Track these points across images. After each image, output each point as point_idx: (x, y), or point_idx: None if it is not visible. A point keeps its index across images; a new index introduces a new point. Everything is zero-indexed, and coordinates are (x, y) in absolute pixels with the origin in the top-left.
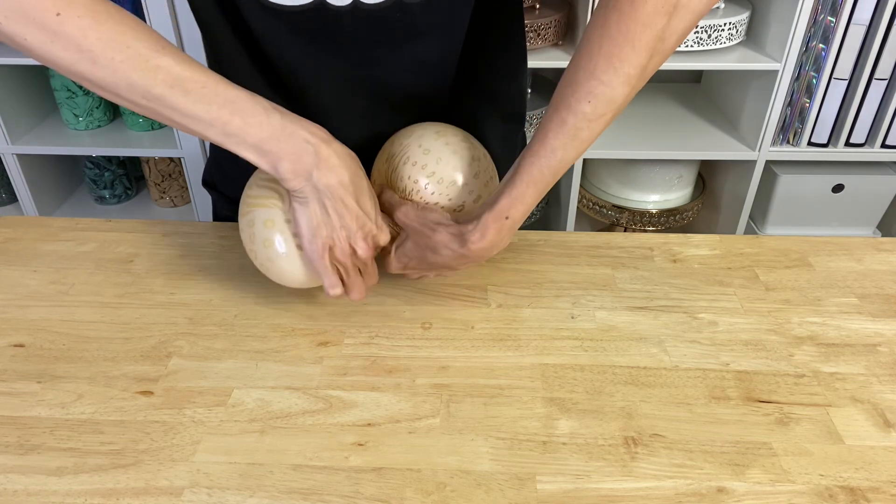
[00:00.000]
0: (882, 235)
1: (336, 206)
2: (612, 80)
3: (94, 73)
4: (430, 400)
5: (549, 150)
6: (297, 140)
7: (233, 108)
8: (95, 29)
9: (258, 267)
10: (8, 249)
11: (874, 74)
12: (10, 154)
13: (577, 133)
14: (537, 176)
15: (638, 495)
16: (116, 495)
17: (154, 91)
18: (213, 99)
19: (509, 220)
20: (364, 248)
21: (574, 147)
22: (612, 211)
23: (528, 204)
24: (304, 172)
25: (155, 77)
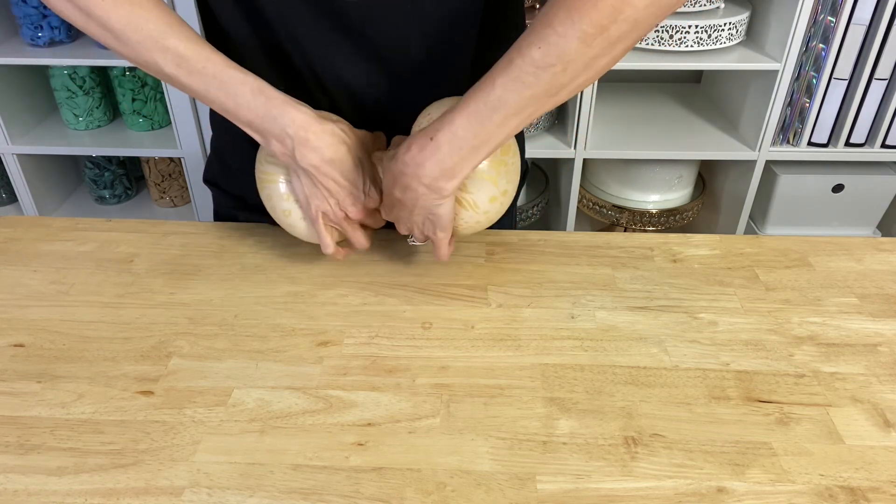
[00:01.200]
0: (882, 235)
1: (322, 181)
2: (567, 31)
3: (121, 50)
4: (430, 400)
5: (489, 84)
6: (278, 125)
7: (227, 91)
8: (115, 11)
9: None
10: (8, 249)
11: (874, 74)
12: (10, 154)
13: (520, 76)
14: (472, 108)
15: (638, 495)
16: (116, 495)
17: (166, 70)
18: (211, 81)
19: (433, 142)
20: (355, 211)
21: (515, 90)
22: (612, 211)
23: (455, 133)
24: (289, 151)
25: (165, 57)
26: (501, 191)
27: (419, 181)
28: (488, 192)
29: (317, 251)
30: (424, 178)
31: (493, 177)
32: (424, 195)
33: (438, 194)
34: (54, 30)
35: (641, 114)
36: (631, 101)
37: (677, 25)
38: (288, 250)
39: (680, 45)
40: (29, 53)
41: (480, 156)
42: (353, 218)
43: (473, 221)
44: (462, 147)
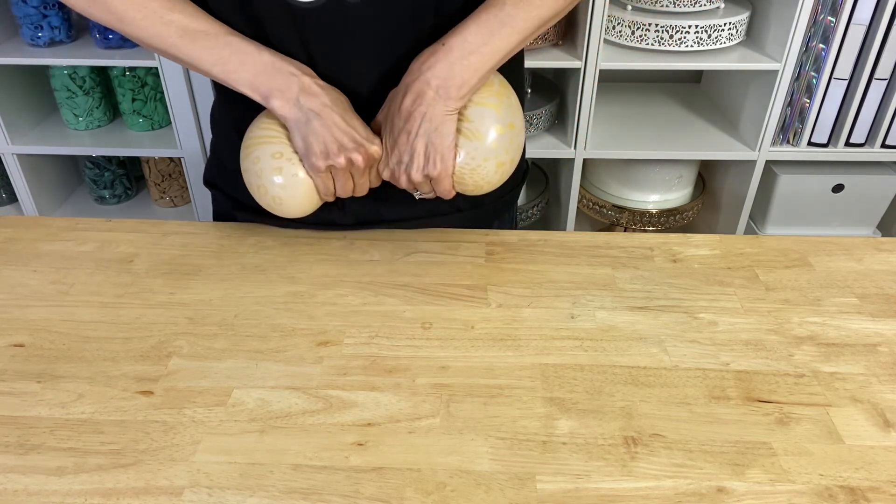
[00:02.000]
0: (882, 235)
1: (325, 123)
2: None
3: (126, 29)
4: (430, 400)
5: (500, 3)
6: (283, 73)
7: (231, 49)
8: None
9: (266, 203)
10: (8, 249)
11: (874, 74)
12: (10, 154)
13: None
14: (483, 19)
15: (638, 495)
16: (116, 495)
17: (169, 40)
18: (215, 43)
19: (444, 46)
20: (359, 158)
21: (524, 9)
22: (612, 211)
23: (466, 39)
24: (293, 99)
25: (168, 29)
26: (507, 123)
27: (428, 84)
28: (492, 119)
29: (316, 252)
30: (433, 80)
31: (496, 105)
32: (432, 100)
33: (445, 101)
34: (54, 30)
35: (641, 114)
36: (631, 101)
37: (677, 25)
38: (288, 250)
39: (680, 45)
40: (29, 53)
41: (487, 66)
42: (357, 164)
43: (481, 157)
44: (472, 52)
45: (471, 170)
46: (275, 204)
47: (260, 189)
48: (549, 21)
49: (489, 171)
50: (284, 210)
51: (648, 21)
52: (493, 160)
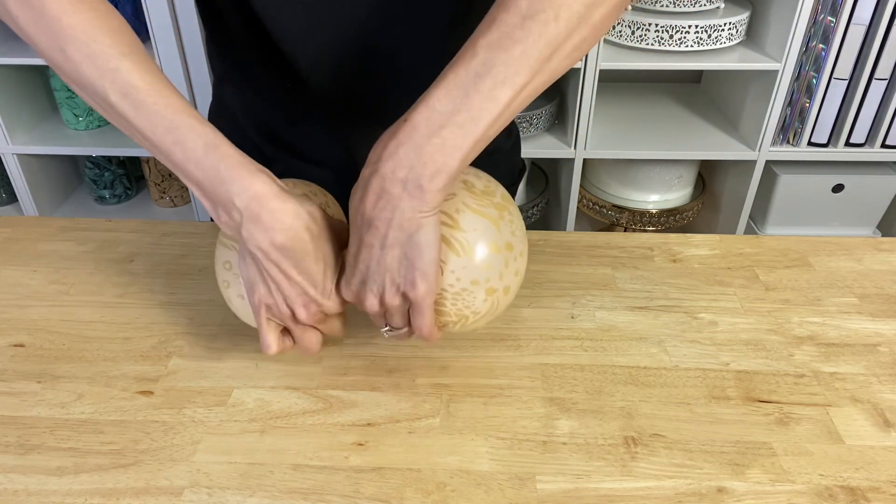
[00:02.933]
0: (882, 235)
1: (270, 272)
2: None
3: (63, 63)
4: (430, 400)
5: (470, 50)
6: (226, 191)
7: (175, 137)
8: (72, 15)
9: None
10: (8, 249)
11: (874, 74)
12: (10, 154)
13: (507, 31)
14: (451, 77)
15: (638, 495)
16: (116, 495)
17: (109, 98)
18: (160, 121)
19: (407, 123)
20: (304, 314)
21: (502, 48)
22: (612, 211)
23: (433, 108)
24: (236, 224)
25: (113, 82)
26: (504, 242)
27: (394, 177)
28: (487, 233)
29: None
30: (399, 171)
31: (494, 217)
32: (399, 200)
33: (420, 199)
34: None
35: (641, 114)
36: (631, 101)
37: (677, 25)
38: None
39: (680, 45)
40: (29, 53)
41: (469, 141)
42: (302, 321)
43: (468, 279)
44: (443, 125)
45: (454, 293)
46: (231, 307)
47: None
48: (542, 68)
49: (477, 300)
50: (242, 319)
51: (648, 21)
52: (482, 285)
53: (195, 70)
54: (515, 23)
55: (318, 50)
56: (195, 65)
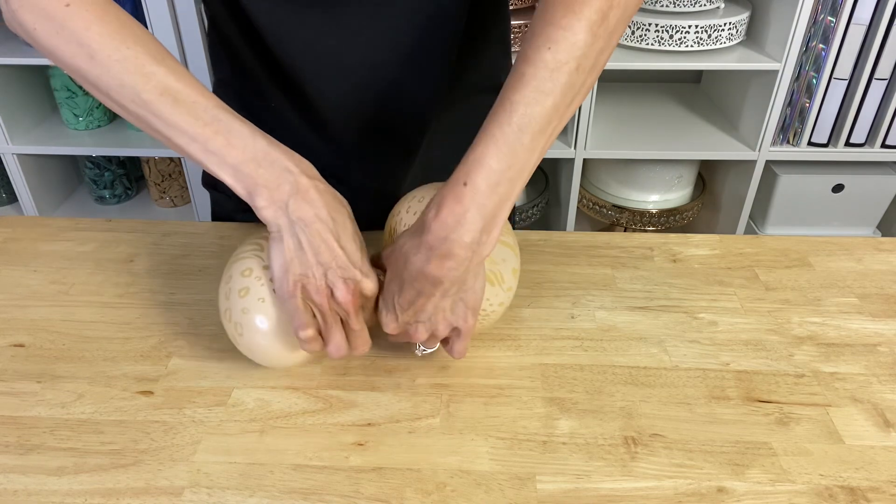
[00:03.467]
0: (882, 235)
1: (312, 241)
2: (572, 24)
3: (91, 69)
4: (430, 400)
5: (507, 105)
6: (277, 167)
7: (218, 126)
8: (99, 25)
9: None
10: (8, 249)
11: (874, 74)
12: (10, 154)
13: (538, 85)
14: (497, 135)
15: (638, 495)
16: (116, 495)
17: (143, 95)
18: (201, 114)
19: (468, 187)
20: (343, 290)
21: (536, 101)
22: (612, 211)
23: (489, 167)
24: (280, 201)
25: (147, 82)
26: (519, 262)
27: (461, 242)
28: (512, 259)
29: None
30: (467, 235)
31: (512, 244)
32: (465, 260)
33: (482, 254)
34: None
35: (641, 114)
36: (631, 101)
37: (677, 25)
38: None
39: (680, 45)
40: (29, 53)
41: (516, 191)
42: (339, 299)
43: (498, 302)
44: (500, 182)
45: (484, 315)
46: (237, 336)
47: (224, 316)
48: (566, 112)
49: (497, 316)
50: (253, 352)
51: (648, 21)
52: (506, 304)
53: (195, 70)
54: (544, 76)
55: (340, 91)
56: (195, 64)
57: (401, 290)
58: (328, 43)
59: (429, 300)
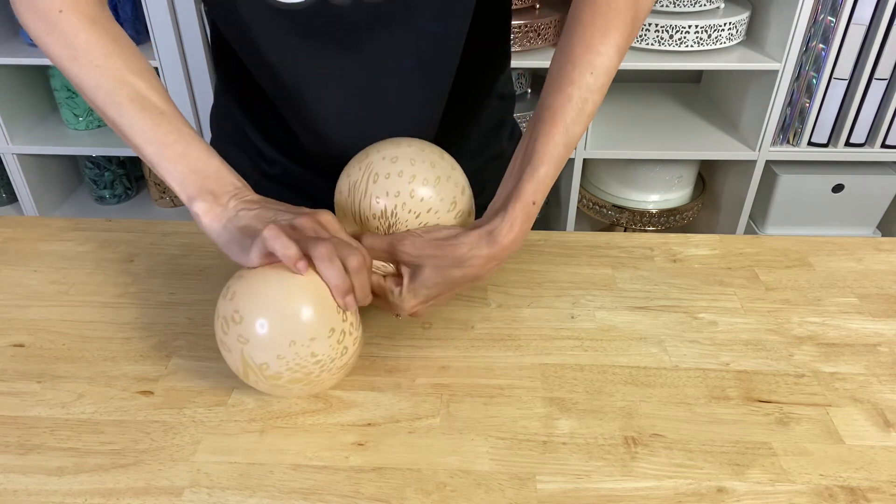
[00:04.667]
0: (882, 235)
1: (262, 212)
2: (608, 49)
3: (72, 70)
4: (430, 400)
5: (562, 127)
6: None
7: (178, 137)
8: (87, 32)
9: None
10: (8, 249)
11: (874, 74)
12: (10, 154)
13: (583, 106)
14: (555, 154)
15: (638, 495)
16: (116, 495)
17: (115, 97)
18: (165, 125)
19: (536, 205)
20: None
21: (581, 122)
22: (612, 211)
23: (547, 185)
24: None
25: (122, 88)
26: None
27: (510, 247)
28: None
29: None
30: (515, 245)
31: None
32: (496, 265)
33: (510, 254)
34: None
35: (641, 114)
36: (631, 101)
37: (677, 25)
38: None
39: (680, 45)
40: (29, 53)
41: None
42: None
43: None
44: (544, 195)
45: None
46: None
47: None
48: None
49: None
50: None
51: (648, 21)
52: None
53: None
54: (589, 97)
55: (342, 108)
56: (195, 64)
57: (437, 283)
58: (334, 71)
59: (455, 289)
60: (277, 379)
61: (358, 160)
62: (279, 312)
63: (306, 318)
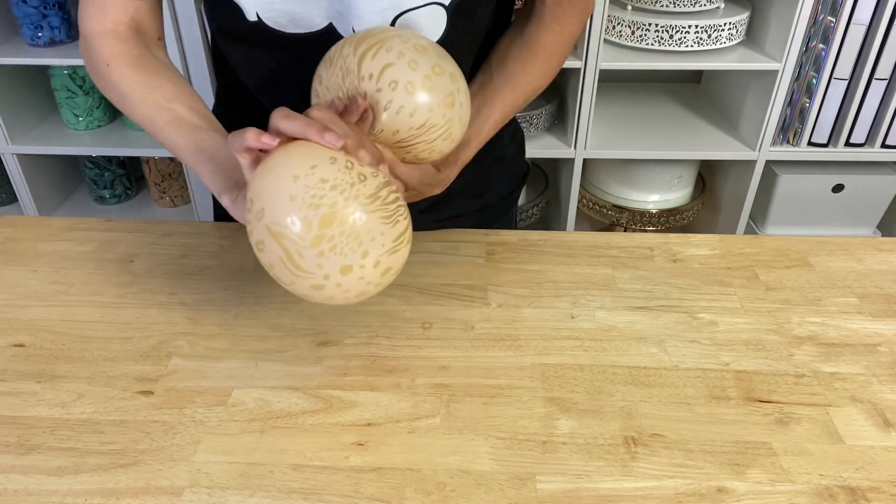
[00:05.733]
0: (882, 235)
1: None
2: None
3: (125, 109)
4: (430, 400)
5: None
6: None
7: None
8: (130, 77)
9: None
10: (8, 249)
11: (874, 74)
12: (10, 154)
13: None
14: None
15: (638, 495)
16: (116, 495)
17: (158, 124)
18: (200, 134)
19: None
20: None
21: (538, 82)
22: (612, 211)
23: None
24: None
25: (162, 115)
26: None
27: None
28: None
29: None
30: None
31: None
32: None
33: None
34: (54, 30)
35: (641, 114)
36: (631, 101)
37: (677, 25)
38: None
39: (680, 45)
40: (29, 53)
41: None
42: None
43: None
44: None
45: None
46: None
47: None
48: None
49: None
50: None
51: (648, 21)
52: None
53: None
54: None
55: None
56: (195, 64)
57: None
58: None
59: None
60: (308, 229)
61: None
62: (274, 172)
63: (297, 155)
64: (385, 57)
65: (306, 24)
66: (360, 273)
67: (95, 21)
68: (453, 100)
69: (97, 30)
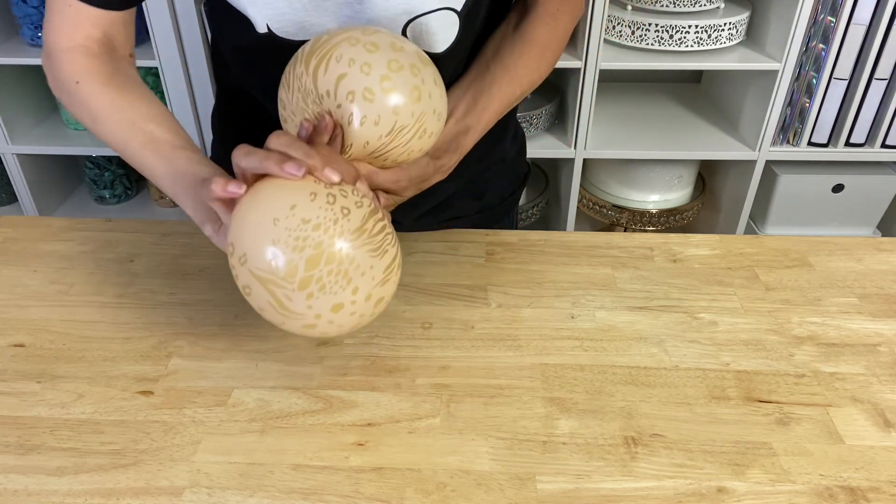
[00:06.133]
0: (882, 235)
1: None
2: (569, 25)
3: (95, 129)
4: (430, 400)
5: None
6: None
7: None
8: (101, 95)
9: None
10: (8, 249)
11: (874, 74)
12: (10, 154)
13: (538, 64)
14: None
15: (638, 495)
16: (116, 495)
17: (132, 146)
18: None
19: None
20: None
21: (532, 75)
22: (612, 211)
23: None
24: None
25: (135, 137)
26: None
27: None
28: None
29: None
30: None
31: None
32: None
33: None
34: None
35: (641, 114)
36: (631, 101)
37: (677, 25)
38: None
39: (680, 45)
40: (29, 53)
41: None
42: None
43: None
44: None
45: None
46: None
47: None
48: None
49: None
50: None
51: (648, 21)
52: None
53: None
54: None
55: None
56: (195, 64)
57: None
58: None
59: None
60: (294, 272)
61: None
62: (252, 216)
63: (274, 198)
64: (336, 68)
65: (317, 31)
66: (352, 308)
67: (64, 35)
68: (419, 93)
69: (66, 45)
